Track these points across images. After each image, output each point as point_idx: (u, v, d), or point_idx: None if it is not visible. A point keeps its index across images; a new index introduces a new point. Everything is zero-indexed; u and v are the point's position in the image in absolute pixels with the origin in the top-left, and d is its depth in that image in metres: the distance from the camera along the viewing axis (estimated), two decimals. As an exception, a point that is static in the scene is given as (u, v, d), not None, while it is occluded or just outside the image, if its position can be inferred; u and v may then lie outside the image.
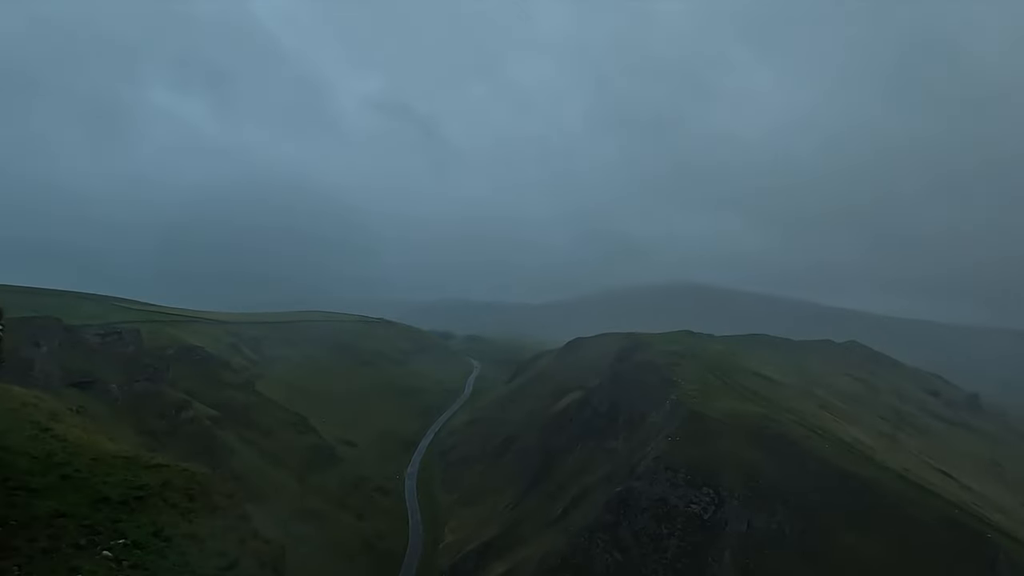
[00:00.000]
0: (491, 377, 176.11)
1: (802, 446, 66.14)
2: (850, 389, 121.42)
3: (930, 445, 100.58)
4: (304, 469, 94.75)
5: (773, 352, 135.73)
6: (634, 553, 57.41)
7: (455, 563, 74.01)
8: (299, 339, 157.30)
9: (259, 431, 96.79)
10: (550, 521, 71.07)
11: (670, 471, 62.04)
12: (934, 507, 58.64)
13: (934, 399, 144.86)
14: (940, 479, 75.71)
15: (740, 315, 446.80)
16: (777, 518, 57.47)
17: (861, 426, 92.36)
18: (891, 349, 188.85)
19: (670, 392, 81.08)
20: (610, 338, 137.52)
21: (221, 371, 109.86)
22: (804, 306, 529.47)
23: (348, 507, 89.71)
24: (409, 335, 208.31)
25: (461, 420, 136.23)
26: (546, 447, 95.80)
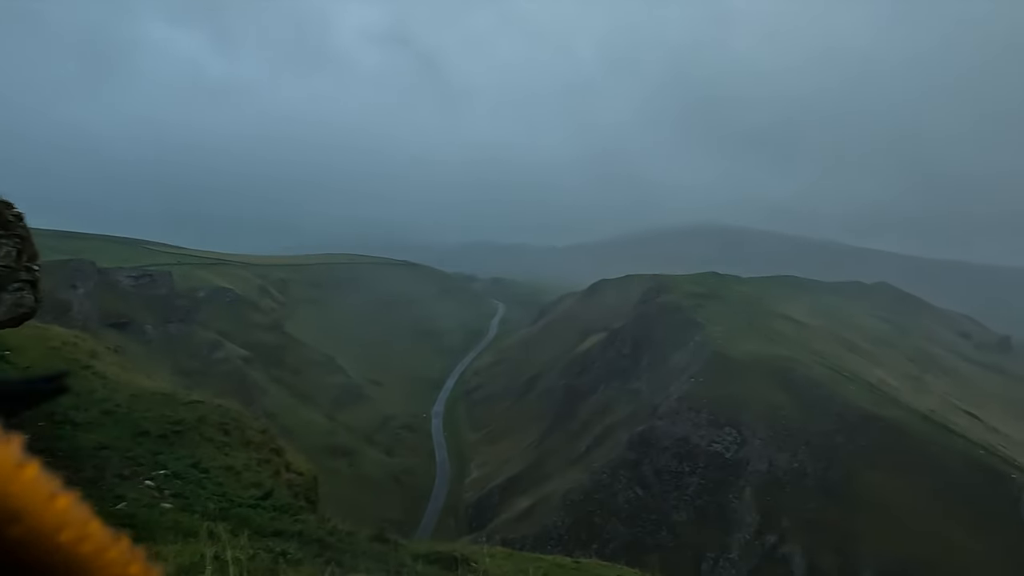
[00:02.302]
0: (515, 319, 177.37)
1: (826, 387, 66.07)
2: (878, 331, 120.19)
3: (958, 386, 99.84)
4: (333, 407, 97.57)
5: (801, 294, 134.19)
6: (655, 490, 58.63)
7: (480, 497, 76.39)
8: (324, 281, 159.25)
9: (289, 370, 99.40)
10: (573, 458, 72.62)
11: (693, 411, 62.63)
12: (959, 448, 58.63)
13: (964, 341, 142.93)
14: (966, 420, 75.42)
15: (768, 257, 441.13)
16: (799, 457, 58.01)
17: (887, 368, 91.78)
18: (922, 290, 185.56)
19: (694, 333, 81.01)
20: (634, 280, 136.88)
21: (250, 312, 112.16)
22: (834, 247, 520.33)
23: (376, 444, 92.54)
24: (433, 277, 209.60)
25: (485, 361, 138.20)
26: (570, 387, 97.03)
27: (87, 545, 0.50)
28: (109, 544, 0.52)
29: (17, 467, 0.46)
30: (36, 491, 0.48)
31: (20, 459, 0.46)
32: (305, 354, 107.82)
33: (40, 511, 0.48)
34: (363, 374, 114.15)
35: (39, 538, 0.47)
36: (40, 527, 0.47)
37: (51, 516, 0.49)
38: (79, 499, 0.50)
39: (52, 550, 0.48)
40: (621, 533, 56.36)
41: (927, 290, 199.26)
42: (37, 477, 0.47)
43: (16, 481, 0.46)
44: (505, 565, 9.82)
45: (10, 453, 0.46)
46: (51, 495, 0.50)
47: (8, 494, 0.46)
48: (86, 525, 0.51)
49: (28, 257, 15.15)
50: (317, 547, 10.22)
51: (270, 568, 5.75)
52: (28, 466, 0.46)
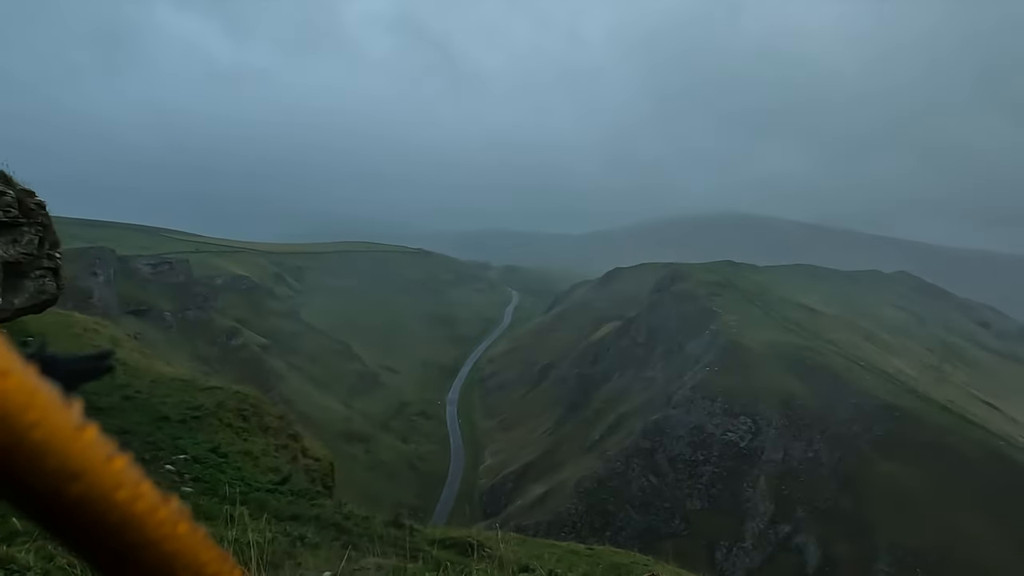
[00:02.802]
0: (529, 307, 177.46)
1: (843, 377, 65.59)
2: (896, 320, 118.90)
3: (977, 377, 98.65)
4: (349, 394, 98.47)
5: (818, 282, 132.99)
6: (669, 478, 58.69)
7: (495, 484, 76.89)
8: (340, 269, 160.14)
9: (305, 357, 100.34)
10: (587, 446, 72.80)
11: (707, 400, 62.48)
12: (977, 439, 58.03)
13: (984, 330, 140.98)
14: (985, 411, 74.56)
15: (785, 245, 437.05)
16: (814, 447, 57.75)
17: (905, 358, 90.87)
18: (943, 280, 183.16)
19: (709, 322, 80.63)
20: (649, 268, 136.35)
21: (267, 300, 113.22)
22: (853, 236, 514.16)
23: (392, 430, 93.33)
24: (447, 265, 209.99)
25: (500, 348, 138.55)
26: (584, 375, 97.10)
27: (141, 504, 0.53)
28: (160, 503, 0.54)
29: (77, 429, 0.49)
30: (95, 452, 0.51)
31: (80, 422, 0.49)
32: (321, 341, 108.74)
33: (98, 471, 0.51)
34: (378, 361, 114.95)
35: (97, 496, 0.50)
36: (98, 486, 0.51)
37: (108, 476, 0.52)
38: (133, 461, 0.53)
39: (109, 508, 0.51)
40: (635, 521, 56.53)
41: (947, 279, 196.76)
42: (95, 439, 0.50)
43: (77, 442, 0.49)
44: (519, 551, 9.91)
45: (71, 416, 0.49)
46: (108, 456, 0.53)
47: (69, 454, 0.49)
48: (139, 485, 0.54)
49: (50, 245, 15.38)
50: (334, 531, 10.38)
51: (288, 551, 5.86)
52: (87, 429, 0.49)
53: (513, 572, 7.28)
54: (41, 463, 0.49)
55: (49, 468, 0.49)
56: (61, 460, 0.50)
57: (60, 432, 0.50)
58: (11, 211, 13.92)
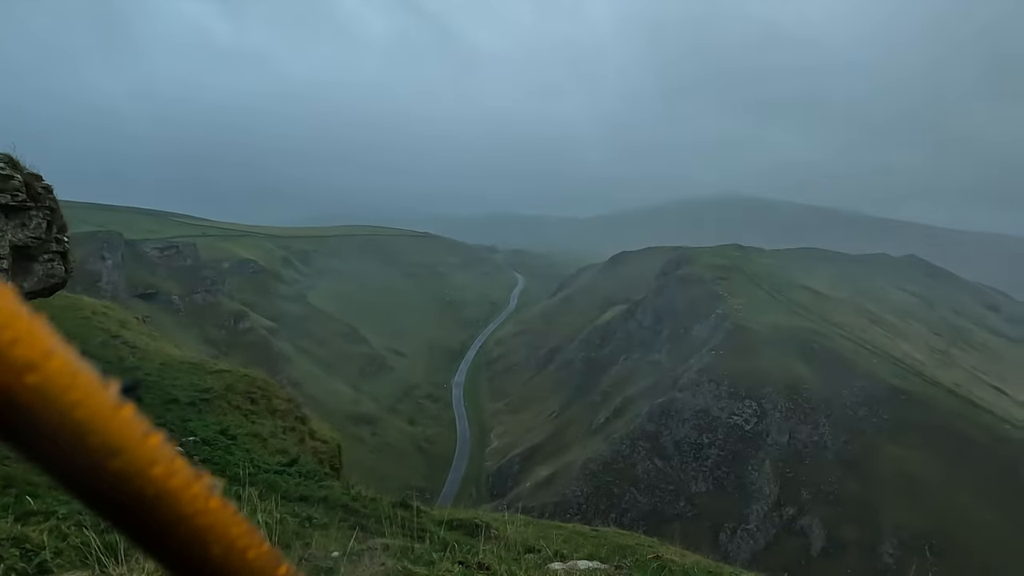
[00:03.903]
0: (536, 290, 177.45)
1: (849, 360, 65.47)
2: (904, 304, 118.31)
3: (985, 360, 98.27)
4: (357, 377, 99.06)
5: (826, 266, 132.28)
6: (675, 461, 58.95)
7: (501, 466, 77.42)
8: (346, 252, 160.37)
9: (313, 340, 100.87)
10: (593, 429, 73.11)
11: (713, 383, 62.54)
12: (984, 422, 57.96)
13: (993, 314, 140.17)
14: (993, 395, 74.38)
15: (792, 228, 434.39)
16: (820, 430, 57.82)
17: (913, 341, 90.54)
18: (952, 263, 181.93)
19: (716, 306, 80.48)
20: (655, 252, 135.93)
21: (274, 283, 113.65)
22: (861, 219, 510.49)
23: (399, 413, 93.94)
24: (454, 248, 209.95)
25: (507, 331, 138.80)
26: (590, 358, 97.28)
27: (175, 479, 0.55)
28: (193, 479, 0.56)
29: (116, 408, 0.52)
30: (132, 429, 0.53)
31: (118, 401, 0.52)
32: (329, 324, 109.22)
33: (136, 447, 0.53)
34: (385, 344, 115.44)
35: (135, 472, 0.52)
36: (136, 462, 0.53)
37: (145, 452, 0.54)
38: (167, 439, 0.56)
39: (146, 483, 0.53)
40: (640, 503, 56.90)
41: (956, 262, 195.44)
42: (133, 417, 0.53)
43: (116, 420, 0.51)
44: (525, 532, 9.98)
45: (110, 396, 0.51)
46: (145, 434, 0.55)
47: (110, 431, 0.51)
48: (173, 461, 0.56)
49: (58, 229, 15.45)
50: (342, 512, 10.48)
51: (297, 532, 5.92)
52: (125, 407, 0.51)
53: (519, 553, 7.34)
54: (84, 440, 0.51)
55: (92, 445, 0.51)
56: (102, 437, 0.52)
57: (101, 410, 0.52)
58: (19, 195, 13.96)
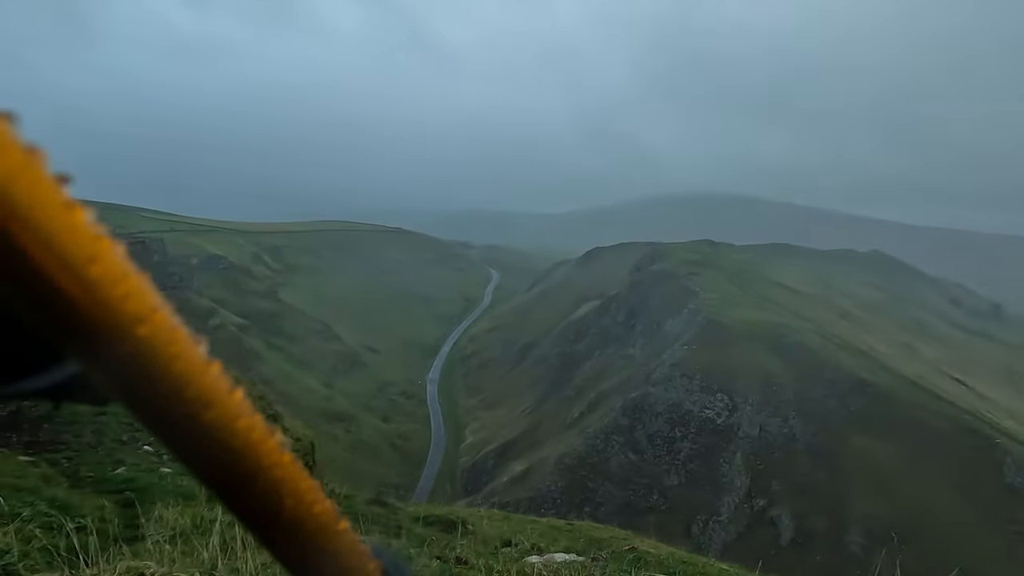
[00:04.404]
0: (510, 286, 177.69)
1: (818, 354, 66.73)
2: (871, 299, 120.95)
3: (948, 354, 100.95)
4: (330, 374, 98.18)
5: (795, 262, 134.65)
6: (648, 455, 59.54)
7: (476, 462, 77.44)
8: (319, 248, 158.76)
9: (285, 337, 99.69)
10: (568, 424, 73.48)
11: (685, 377, 63.25)
12: (947, 414, 59.56)
13: (955, 308, 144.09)
14: (954, 387, 76.46)
15: (762, 224, 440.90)
16: (790, 423, 58.86)
17: (879, 335, 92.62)
18: (917, 258, 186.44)
19: (688, 301, 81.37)
20: (629, 248, 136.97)
21: (245, 279, 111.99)
22: (829, 215, 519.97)
23: (373, 410, 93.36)
24: (428, 244, 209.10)
25: (481, 328, 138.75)
26: (565, 354, 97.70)
27: (256, 433, 0.59)
28: (270, 434, 0.60)
29: (209, 363, 0.55)
30: (221, 384, 0.56)
31: (209, 358, 0.54)
32: (301, 321, 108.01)
33: (225, 401, 0.56)
34: (359, 341, 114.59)
35: (225, 424, 0.56)
36: (226, 414, 0.56)
37: (232, 406, 0.57)
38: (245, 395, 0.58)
39: (233, 435, 0.57)
40: (614, 496, 57.36)
41: (920, 258, 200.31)
42: (221, 373, 0.55)
43: (208, 374, 0.54)
44: (502, 527, 10.00)
45: (202, 352, 0.54)
46: (231, 389, 0.58)
47: (204, 385, 0.54)
48: (254, 416, 0.59)
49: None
50: (316, 510, 10.35)
51: (271, 530, 5.83)
52: (214, 364, 0.54)
53: (496, 547, 7.34)
54: (183, 391, 0.54)
55: (189, 396, 0.54)
56: (198, 389, 0.55)
57: (196, 364, 0.55)
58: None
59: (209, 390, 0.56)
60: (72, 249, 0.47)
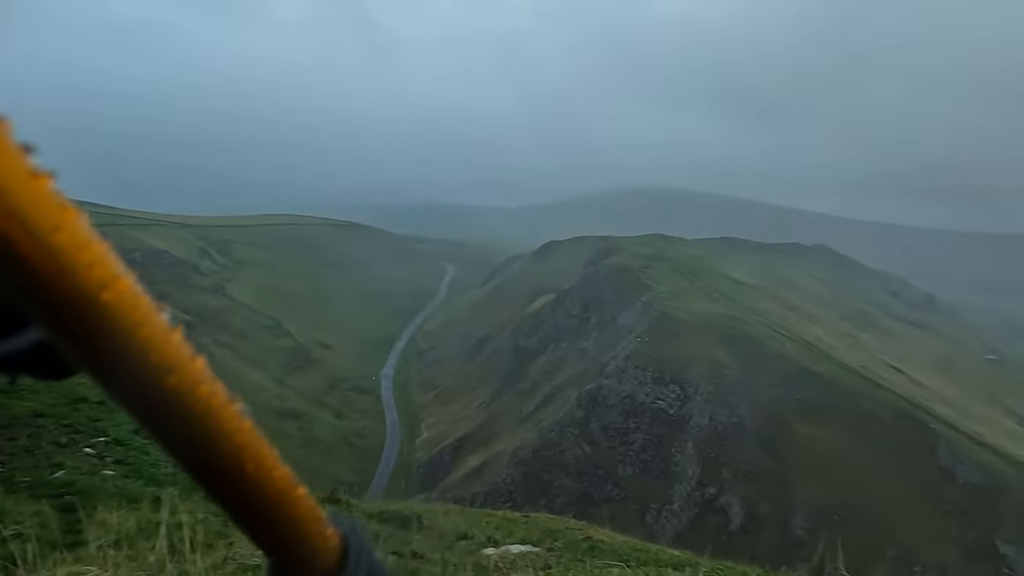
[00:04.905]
0: (465, 280, 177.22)
1: (766, 345, 68.67)
2: (815, 291, 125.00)
3: (887, 343, 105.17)
4: (281, 371, 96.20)
5: (744, 255, 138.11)
6: (602, 446, 60.32)
7: (432, 457, 77.16)
8: (268, 242, 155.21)
9: (234, 334, 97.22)
10: (523, 417, 73.85)
11: (639, 369, 64.26)
12: (886, 401, 62.12)
13: (894, 300, 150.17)
14: (893, 375, 79.73)
15: (712, 218, 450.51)
16: (739, 412, 60.43)
17: (824, 326, 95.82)
18: (857, 252, 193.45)
19: (641, 294, 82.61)
20: (583, 241, 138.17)
21: (190, 275, 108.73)
22: (775, 210, 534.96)
23: (326, 406, 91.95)
24: (381, 238, 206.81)
25: (436, 322, 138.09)
26: (520, 348, 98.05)
27: (217, 399, 0.58)
28: (231, 401, 0.60)
29: (171, 329, 0.55)
30: (183, 350, 0.57)
31: (172, 322, 0.53)
32: (250, 317, 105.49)
33: (187, 366, 0.58)
34: (311, 336, 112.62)
35: (187, 389, 0.57)
36: (188, 379, 0.57)
37: (194, 371, 0.58)
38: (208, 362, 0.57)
39: (195, 400, 0.57)
40: (569, 488, 57.96)
41: (861, 251, 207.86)
42: (183, 339, 0.55)
43: (171, 340, 0.55)
44: (458, 521, 10.00)
45: (165, 318, 0.54)
46: (192, 355, 0.58)
47: (167, 350, 0.55)
48: (215, 383, 0.59)
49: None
50: (268, 509, 10.14)
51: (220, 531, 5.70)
52: (177, 329, 0.54)
53: (452, 541, 7.33)
54: (146, 356, 0.55)
55: (152, 361, 0.56)
56: (161, 355, 0.56)
57: (159, 330, 0.57)
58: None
59: (172, 355, 0.58)
60: (37, 217, 0.48)
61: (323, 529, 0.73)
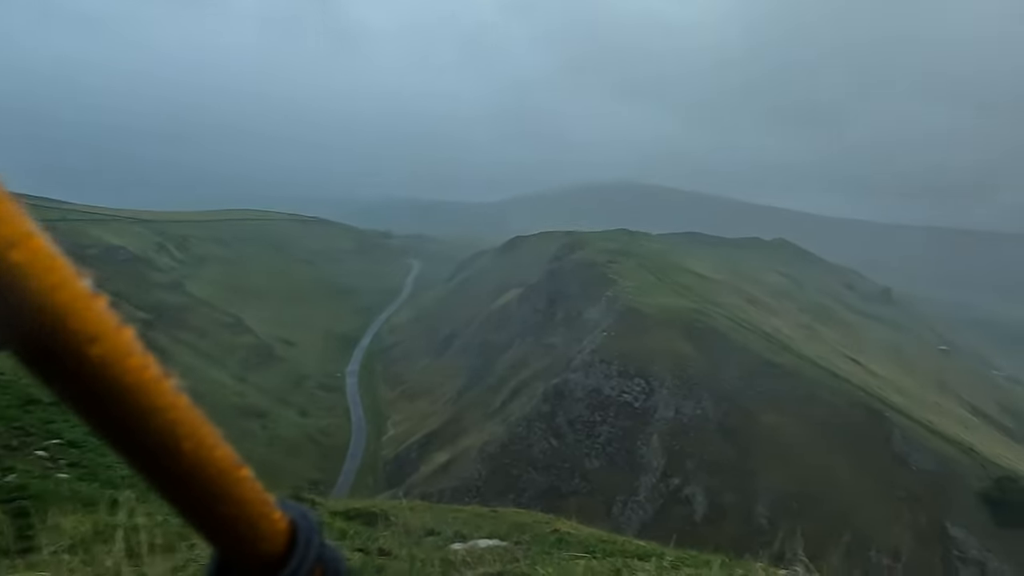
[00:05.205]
0: (432, 276, 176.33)
1: (728, 338, 69.90)
2: (776, 284, 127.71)
3: (844, 335, 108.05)
4: (243, 368, 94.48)
5: (707, 250, 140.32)
6: (569, 439, 60.75)
7: (399, 454, 76.75)
8: (230, 238, 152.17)
9: (193, 332, 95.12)
10: (490, 412, 73.91)
11: (604, 363, 64.83)
12: (843, 391, 63.87)
13: (850, 293, 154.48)
14: (850, 366, 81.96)
15: (676, 213, 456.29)
16: (703, 404, 61.44)
17: (784, 319, 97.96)
18: (816, 246, 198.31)
19: (607, 289, 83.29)
20: (549, 236, 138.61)
21: (148, 272, 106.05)
22: (736, 205, 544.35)
23: (290, 404, 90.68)
24: (347, 234, 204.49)
25: (402, 318, 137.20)
26: (487, 343, 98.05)
27: (149, 372, 0.55)
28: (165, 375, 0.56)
29: (94, 295, 0.51)
30: (108, 318, 0.52)
31: (94, 290, 0.50)
32: (210, 314, 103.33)
33: (113, 336, 0.52)
34: (274, 333, 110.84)
35: (113, 360, 0.52)
36: (114, 350, 0.52)
37: (121, 342, 0.53)
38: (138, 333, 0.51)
39: (123, 371, 0.52)
40: (537, 482, 58.26)
41: (820, 245, 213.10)
42: (108, 307, 0.50)
43: (93, 307, 0.50)
44: (425, 517, 9.96)
45: (86, 283, 0.49)
46: (119, 324, 0.53)
47: (88, 317, 0.50)
48: (147, 355, 0.55)
49: None
50: (231, 510, 9.95)
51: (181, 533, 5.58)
52: (100, 296, 0.50)
53: (420, 536, 7.31)
54: (64, 323, 0.50)
55: (72, 328, 0.51)
56: (82, 322, 0.51)
57: (80, 296, 0.51)
58: None
59: (95, 323, 0.53)
60: None
61: (269, 512, 0.69)
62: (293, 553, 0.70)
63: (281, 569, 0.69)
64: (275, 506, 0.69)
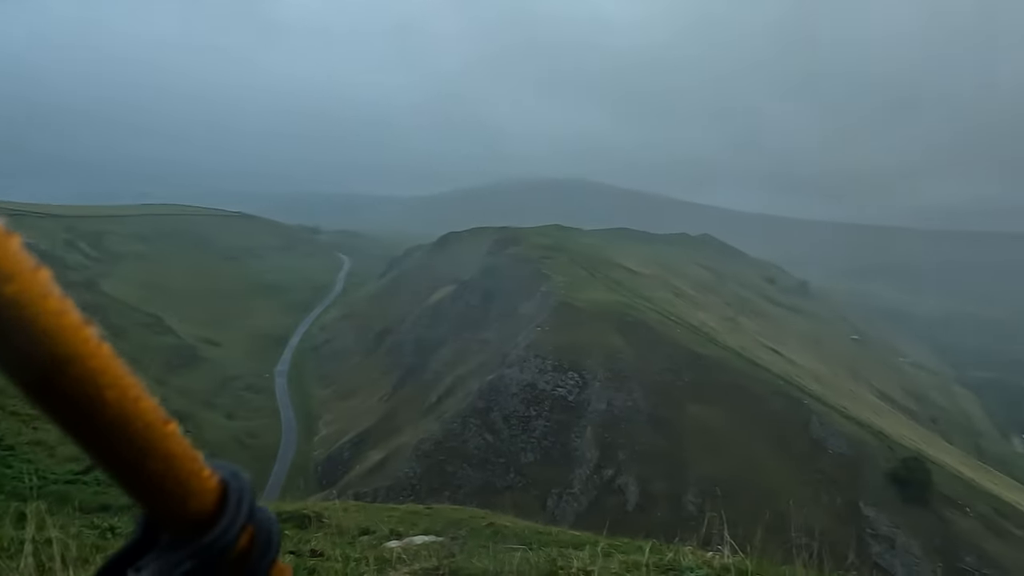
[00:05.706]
0: (362, 272, 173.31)
1: (657, 330, 71.83)
2: (701, 278, 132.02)
3: (765, 326, 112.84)
4: (164, 371, 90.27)
5: (636, 245, 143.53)
6: (504, 434, 61.00)
7: (331, 454, 75.15)
8: (148, 234, 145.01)
9: (109, 333, 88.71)
10: (425, 410, 73.35)
11: (539, 358, 65.41)
12: (764, 379, 66.77)
13: (771, 286, 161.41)
14: (770, 356, 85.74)
15: (607, 209, 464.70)
16: (633, 395, 62.91)
17: (708, 311, 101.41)
18: (738, 241, 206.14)
19: (540, 284, 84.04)
20: (482, 232, 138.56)
21: (59, 270, 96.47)
22: (664, 201, 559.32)
23: (216, 407, 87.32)
24: (272, 229, 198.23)
25: (333, 315, 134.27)
26: (421, 340, 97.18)
27: (68, 317, 0.51)
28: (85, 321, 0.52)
29: (7, 234, 0.50)
30: (23, 258, 0.50)
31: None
32: (127, 314, 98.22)
33: (28, 276, 0.51)
34: (197, 333, 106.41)
35: (28, 301, 0.50)
36: (29, 290, 0.50)
37: (38, 283, 0.51)
38: None
39: (39, 313, 0.50)
40: (472, 478, 58.23)
41: (742, 241, 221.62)
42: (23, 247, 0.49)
43: (8, 245, 0.49)
44: (359, 517, 9.80)
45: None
46: (36, 266, 0.52)
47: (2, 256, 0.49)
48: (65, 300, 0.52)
49: None
50: (152, 518, 9.51)
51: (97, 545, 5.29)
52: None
53: (354, 536, 7.18)
54: None
55: None
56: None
57: None
58: None
59: (9, 262, 0.51)
60: None
61: (199, 469, 0.64)
62: (224, 512, 0.65)
63: (211, 528, 0.63)
64: (205, 464, 0.64)
